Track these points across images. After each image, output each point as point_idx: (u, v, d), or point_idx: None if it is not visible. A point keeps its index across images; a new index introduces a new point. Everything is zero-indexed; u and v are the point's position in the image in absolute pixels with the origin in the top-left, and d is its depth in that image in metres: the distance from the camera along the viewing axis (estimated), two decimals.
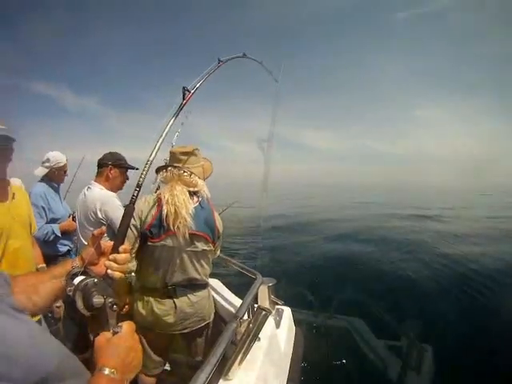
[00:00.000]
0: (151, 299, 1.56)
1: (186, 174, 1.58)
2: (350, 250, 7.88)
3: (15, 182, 1.93)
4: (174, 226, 1.47)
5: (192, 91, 1.27)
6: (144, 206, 1.53)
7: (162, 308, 1.55)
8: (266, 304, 1.87)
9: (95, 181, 2.22)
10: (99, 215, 2.01)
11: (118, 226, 0.98)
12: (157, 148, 1.12)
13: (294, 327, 1.93)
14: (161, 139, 1.14)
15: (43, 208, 2.65)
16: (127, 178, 2.27)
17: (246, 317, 1.42)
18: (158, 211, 1.50)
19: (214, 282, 2.37)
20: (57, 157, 2.76)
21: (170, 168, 1.60)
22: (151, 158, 1.12)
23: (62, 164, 2.79)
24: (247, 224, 10.35)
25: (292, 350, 1.81)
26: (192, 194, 1.61)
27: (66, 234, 2.78)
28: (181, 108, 1.24)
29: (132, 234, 1.47)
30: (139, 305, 1.58)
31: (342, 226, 11.26)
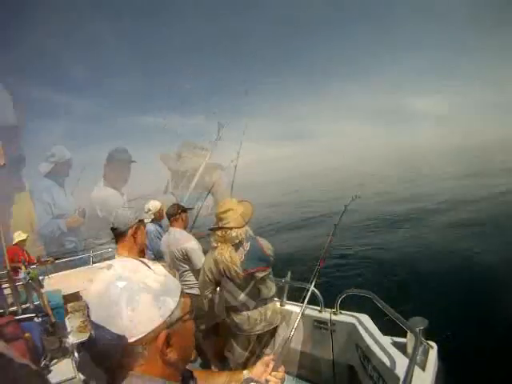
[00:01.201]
0: (238, 315, 2.04)
1: (227, 233, 1.93)
2: (358, 244, 8.10)
3: None
4: (230, 276, 1.95)
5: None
6: (211, 264, 2.01)
7: (242, 318, 2.04)
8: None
9: (173, 226, 2.60)
10: (179, 253, 2.45)
11: (196, 260, 2.17)
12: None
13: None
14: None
15: (49, 204, 2.63)
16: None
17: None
18: (217, 268, 1.98)
19: None
20: (62, 151, 2.72)
21: (216, 231, 1.99)
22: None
23: (67, 158, 2.77)
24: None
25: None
26: (238, 244, 1.96)
27: (72, 229, 2.79)
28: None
29: (210, 283, 2.05)
30: (236, 317, 2.06)
31: (348, 218, 10.84)
